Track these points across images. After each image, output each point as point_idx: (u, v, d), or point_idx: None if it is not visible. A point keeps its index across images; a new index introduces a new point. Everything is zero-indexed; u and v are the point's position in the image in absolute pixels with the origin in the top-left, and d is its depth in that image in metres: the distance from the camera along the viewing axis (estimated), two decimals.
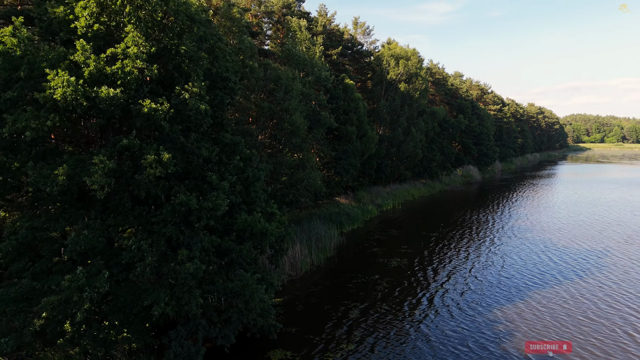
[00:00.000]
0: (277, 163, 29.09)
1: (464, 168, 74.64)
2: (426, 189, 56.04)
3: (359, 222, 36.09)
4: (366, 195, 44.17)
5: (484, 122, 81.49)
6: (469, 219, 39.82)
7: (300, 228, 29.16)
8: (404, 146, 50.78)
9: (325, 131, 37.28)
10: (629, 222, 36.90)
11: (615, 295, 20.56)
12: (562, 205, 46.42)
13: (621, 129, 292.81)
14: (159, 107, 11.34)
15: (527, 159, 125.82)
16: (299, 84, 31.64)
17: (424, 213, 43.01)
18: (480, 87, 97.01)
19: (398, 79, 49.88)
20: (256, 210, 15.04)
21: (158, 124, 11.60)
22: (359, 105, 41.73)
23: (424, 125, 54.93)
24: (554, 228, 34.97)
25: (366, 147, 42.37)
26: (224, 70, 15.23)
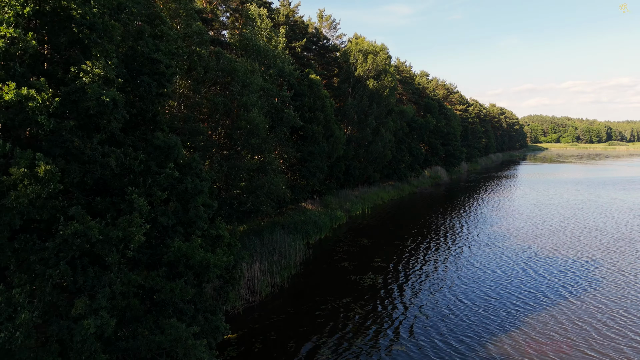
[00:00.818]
0: (233, 167, 25.43)
1: (431, 169, 73.02)
2: (395, 191, 53.59)
3: (327, 231, 32.88)
4: (334, 200, 41.04)
5: (451, 122, 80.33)
6: (442, 225, 37.42)
7: (260, 241, 25.60)
8: (372, 147, 48.03)
9: (289, 131, 33.85)
10: (604, 227, 35.50)
11: (617, 318, 18.24)
12: (534, 208, 44.96)
13: (575, 129, 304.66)
14: (34, 95, 7.63)
15: (490, 159, 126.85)
16: (259, 77, 28.07)
17: (395, 219, 40.32)
18: (446, 86, 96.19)
19: (366, 76, 47.06)
20: (196, 233, 11.47)
21: (33, 120, 7.88)
22: (326, 103, 38.55)
23: (393, 124, 52.45)
24: (531, 234, 32.98)
25: (334, 148, 39.23)
26: (152, 50, 11.55)
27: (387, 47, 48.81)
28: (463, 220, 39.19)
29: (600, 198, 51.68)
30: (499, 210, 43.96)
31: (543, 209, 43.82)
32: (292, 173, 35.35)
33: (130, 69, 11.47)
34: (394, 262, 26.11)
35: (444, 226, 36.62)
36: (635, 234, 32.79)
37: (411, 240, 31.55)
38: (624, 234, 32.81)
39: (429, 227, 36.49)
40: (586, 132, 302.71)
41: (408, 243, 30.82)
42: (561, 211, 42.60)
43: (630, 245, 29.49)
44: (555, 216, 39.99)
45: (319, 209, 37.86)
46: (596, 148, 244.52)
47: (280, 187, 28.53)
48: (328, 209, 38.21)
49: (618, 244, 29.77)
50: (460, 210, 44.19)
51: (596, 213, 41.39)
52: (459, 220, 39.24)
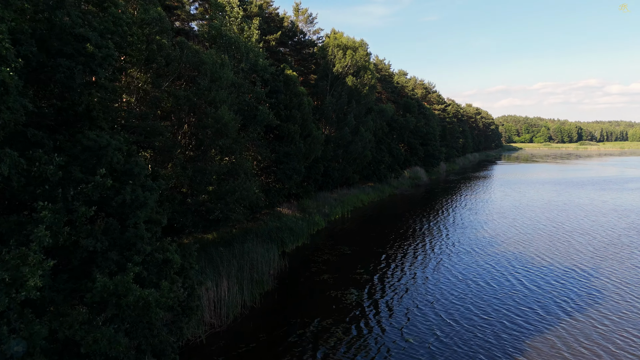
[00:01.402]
0: (199, 170, 22.74)
1: (411, 169, 71.51)
2: (375, 193, 51.62)
3: (305, 238, 30.46)
4: (312, 204, 38.66)
5: (430, 121, 79.11)
6: (424, 229, 35.53)
7: (230, 252, 22.99)
8: (352, 147, 45.88)
9: (263, 130, 31.31)
10: (592, 230, 34.27)
11: (623, 340, 16.45)
12: (516, 210, 43.62)
13: (548, 129, 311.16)
14: None
15: (468, 159, 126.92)
16: (230, 71, 25.44)
17: (377, 223, 38.23)
18: (425, 86, 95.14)
19: (345, 73, 44.86)
20: (134, 259, 8.90)
21: None
22: (303, 100, 36.14)
23: (373, 124, 50.46)
24: (516, 240, 31.36)
25: (311, 148, 36.85)
26: (76, 24, 8.91)
27: (366, 42, 46.76)
28: (445, 224, 37.41)
29: (581, 199, 50.94)
30: (480, 212, 42.44)
31: (526, 211, 42.52)
32: (267, 175, 32.81)
33: (47, 49, 8.81)
34: (376, 273, 23.91)
35: (426, 231, 34.72)
36: (624, 238, 31.58)
37: (393, 248, 29.46)
38: (612, 238, 31.56)
39: (410, 232, 34.53)
40: (558, 132, 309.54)
41: (390, 251, 28.71)
42: (544, 213, 41.36)
43: (622, 250, 28.15)
44: (539, 219, 38.66)
45: (295, 213, 35.41)
46: (568, 148, 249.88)
47: (253, 191, 25.97)
48: (305, 213, 35.80)
49: (610, 249, 28.39)
50: (442, 213, 42.48)
51: (580, 215, 40.29)
52: (441, 224, 37.44)
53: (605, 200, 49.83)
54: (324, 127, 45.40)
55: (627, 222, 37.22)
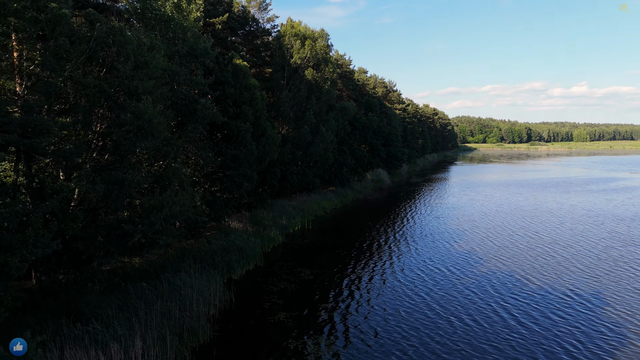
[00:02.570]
0: (114, 181, 17.23)
1: (373, 172, 67.86)
2: (338, 199, 47.20)
3: (257, 259, 25.36)
4: (267, 215, 33.59)
5: (391, 121, 75.87)
6: (393, 243, 31.39)
7: (155, 288, 17.63)
8: (312, 148, 41.19)
9: (206, 129, 26.02)
10: (573, 241, 31.38)
11: None
12: (486, 217, 40.45)
13: (499, 130, 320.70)
14: None
15: (427, 160, 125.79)
16: (161, 56, 20.01)
17: (340, 235, 33.72)
18: (385, 84, 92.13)
19: (304, 65, 40.09)
20: None
21: None
22: (255, 95, 31.03)
23: (335, 123, 46.02)
24: (494, 256, 27.72)
25: (265, 150, 31.82)
26: None
27: (327, 33, 42.21)
28: (414, 236, 33.45)
29: (549, 203, 48.86)
30: (450, 221, 38.95)
31: (497, 219, 39.40)
32: (212, 184, 27.43)
33: None
34: (339, 310, 19.30)
35: (395, 246, 30.55)
36: (611, 251, 28.72)
37: (358, 269, 24.99)
38: (598, 251, 28.63)
39: (377, 247, 30.26)
40: (509, 132, 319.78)
41: (355, 274, 24.21)
42: (517, 221, 38.35)
43: (616, 268, 25.07)
44: (514, 228, 35.48)
45: (247, 227, 30.24)
46: (520, 148, 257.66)
47: (191, 205, 20.68)
48: (259, 226, 30.70)
49: (602, 266, 25.24)
50: (410, 222, 38.61)
51: (554, 223, 37.54)
52: (410, 236, 33.44)
53: (574, 204, 47.93)
54: (281, 125, 40.45)
55: (606, 230, 34.76)
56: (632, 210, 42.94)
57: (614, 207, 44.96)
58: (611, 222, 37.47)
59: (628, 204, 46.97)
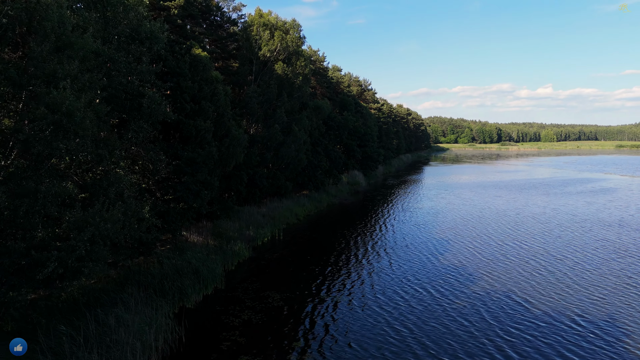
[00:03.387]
0: (24, 194, 13.30)
1: (349, 173, 64.81)
2: (312, 204, 43.78)
3: (218, 281, 21.62)
4: (232, 225, 29.84)
5: (367, 121, 73.08)
6: (373, 258, 28.22)
7: (78, 333, 13.73)
8: (283, 150, 37.62)
9: (157, 128, 22.12)
10: (567, 254, 28.99)
11: None
12: (468, 225, 37.87)
13: (471, 130, 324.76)
14: None
15: (402, 161, 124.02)
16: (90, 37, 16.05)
17: (316, 247, 30.33)
18: (360, 83, 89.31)
19: (274, 58, 36.46)
20: None
21: None
22: (217, 89, 27.25)
23: (308, 122, 42.58)
24: (485, 272, 24.97)
25: (230, 152, 28.08)
26: None
27: (299, 24, 38.70)
28: (395, 248, 30.39)
29: (531, 207, 46.92)
30: (431, 229, 36.17)
31: (479, 225, 36.85)
32: (164, 192, 23.48)
33: None
34: (313, 347, 15.91)
35: (375, 260, 27.38)
36: (612, 264, 26.41)
37: (335, 290, 21.67)
38: (597, 263, 26.26)
39: (355, 262, 27.02)
40: (480, 133, 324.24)
41: (332, 294, 20.88)
42: (502, 229, 35.86)
43: (622, 286, 22.62)
44: (499, 237, 32.88)
45: (209, 241, 26.42)
46: (491, 148, 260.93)
47: (130, 220, 16.83)
48: (223, 239, 26.92)
49: (606, 284, 22.77)
50: (388, 230, 35.59)
51: (542, 230, 35.23)
52: (391, 248, 30.37)
53: (556, 207, 46.10)
54: (249, 124, 36.73)
55: (597, 238, 32.65)
56: (617, 215, 41.29)
57: (597, 211, 43.27)
58: (600, 228, 35.44)
59: (611, 207, 45.45)
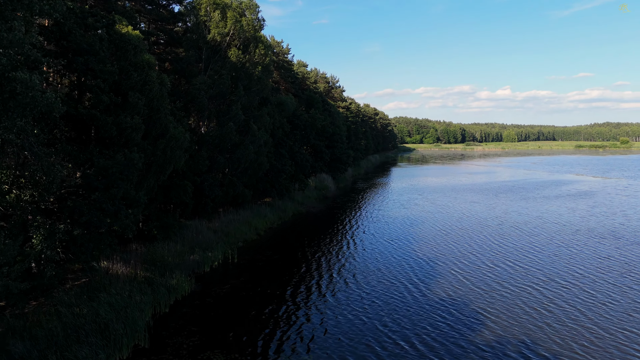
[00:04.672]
0: None
1: (316, 177, 59.45)
2: (275, 214, 38.13)
3: (138, 337, 15.62)
4: (173, 248, 23.83)
5: (335, 120, 68.02)
6: (347, 288, 22.99)
7: None
8: (240, 152, 31.81)
9: (55, 125, 15.99)
10: (568, 278, 24.88)
11: None
12: (448, 238, 33.46)
13: (436, 130, 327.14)
14: None
15: (370, 162, 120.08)
16: None
17: (277, 272, 24.78)
18: (327, 79, 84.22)
19: (227, 43, 30.62)
20: None
21: None
22: (149, 76, 21.21)
23: (270, 120, 36.91)
24: (477, 303, 20.41)
25: (167, 157, 22.11)
26: None
27: (257, 4, 32.97)
28: (367, 272, 25.28)
29: (512, 215, 43.22)
30: (405, 243, 31.45)
31: (460, 240, 32.38)
32: (71, 213, 17.22)
33: None
34: None
35: (344, 295, 22.14)
36: (630, 292, 22.25)
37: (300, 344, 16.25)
38: (611, 290, 22.09)
39: (319, 293, 21.68)
40: (445, 133, 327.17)
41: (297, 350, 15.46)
42: (488, 244, 31.46)
43: None
44: (486, 256, 28.22)
45: (138, 271, 20.35)
46: (456, 148, 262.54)
47: None
48: (155, 270, 20.90)
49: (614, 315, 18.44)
50: (360, 248, 30.48)
51: (532, 245, 31.01)
52: (361, 273, 25.23)
53: (540, 216, 42.46)
54: (199, 123, 30.75)
55: (598, 255, 28.79)
56: (607, 224, 37.93)
57: (584, 219, 39.86)
58: (596, 242, 31.54)
59: (597, 214, 42.25)
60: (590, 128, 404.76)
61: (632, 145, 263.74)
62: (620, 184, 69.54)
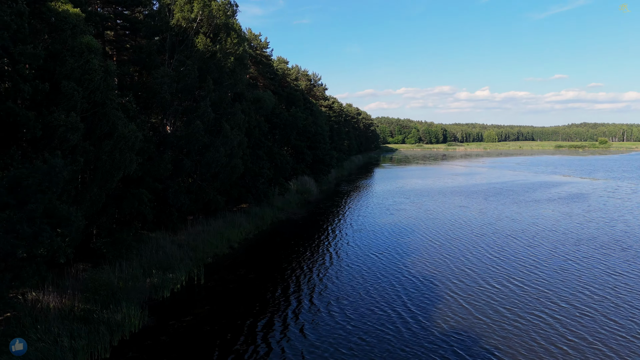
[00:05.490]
0: None
1: (298, 180, 55.80)
2: (252, 223, 34.41)
3: None
4: (126, 269, 19.95)
5: (317, 119, 64.50)
6: (326, 312, 19.55)
7: None
8: (210, 154, 28.02)
9: None
10: (591, 306, 21.95)
11: None
12: (442, 250, 30.52)
13: (418, 131, 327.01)
14: None
15: (354, 162, 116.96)
16: None
17: (250, 293, 21.14)
18: (309, 77, 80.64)
19: (194, 30, 26.80)
20: None
21: None
22: (90, 63, 17.32)
23: (245, 118, 33.16)
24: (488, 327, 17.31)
25: (115, 161, 18.26)
26: None
27: None
28: (352, 298, 21.97)
29: (506, 222, 40.59)
30: (395, 258, 28.26)
31: (456, 253, 29.23)
32: None
33: None
34: None
35: (326, 328, 18.72)
36: None
37: None
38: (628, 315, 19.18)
39: (307, 320, 18.19)
40: (427, 133, 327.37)
41: None
42: (485, 258, 28.44)
43: None
44: (488, 275, 25.11)
45: (75, 304, 16.43)
46: (439, 148, 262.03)
47: None
48: (100, 299, 17.01)
49: None
50: (345, 265, 27.09)
51: (538, 259, 28.10)
52: (346, 298, 21.88)
53: (536, 222, 39.87)
54: (163, 121, 26.85)
55: (610, 268, 26.07)
56: (609, 232, 35.47)
57: (583, 227, 37.33)
58: (604, 253, 28.85)
59: (596, 220, 39.83)
60: (568, 128, 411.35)
61: (611, 146, 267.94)
62: (609, 185, 67.95)
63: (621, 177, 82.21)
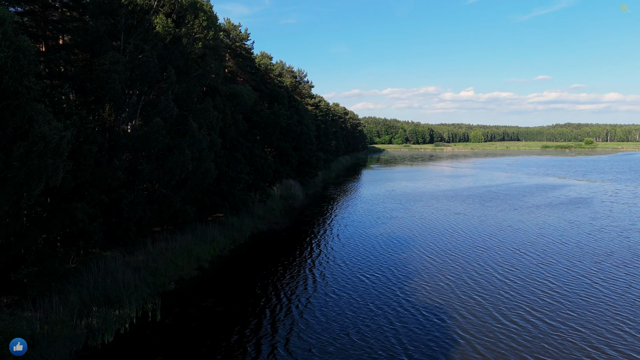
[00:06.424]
0: None
1: (282, 184, 51.45)
2: (227, 236, 30.01)
3: None
4: (48, 313, 15.45)
5: (303, 119, 60.25)
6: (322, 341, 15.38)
7: None
8: (173, 158, 23.53)
9: None
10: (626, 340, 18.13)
11: None
12: (443, 268, 26.68)
13: (404, 131, 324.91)
14: None
15: (341, 163, 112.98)
16: None
17: (221, 332, 16.82)
18: (294, 73, 76.27)
19: (154, 9, 22.30)
20: None
21: None
22: None
23: (219, 116, 28.71)
24: None
25: (33, 168, 13.75)
26: None
27: None
28: (349, 326, 17.84)
29: (509, 232, 37.25)
30: (395, 274, 24.50)
31: (458, 270, 25.60)
32: None
33: None
34: None
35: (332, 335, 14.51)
36: None
37: None
38: None
39: None
40: (413, 133, 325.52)
41: None
42: (489, 274, 24.92)
43: None
44: (497, 296, 21.58)
45: None
46: (426, 149, 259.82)
47: None
48: (4, 354, 12.55)
49: None
50: (339, 284, 22.96)
51: (549, 278, 24.59)
52: (345, 330, 17.76)
53: (542, 233, 36.46)
54: (118, 118, 22.30)
55: None
56: (626, 245, 32.09)
57: (594, 237, 33.89)
58: (632, 276, 25.37)
59: (607, 230, 36.47)
60: (552, 129, 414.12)
61: (597, 146, 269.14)
62: (607, 189, 65.13)
63: (616, 179, 79.77)
